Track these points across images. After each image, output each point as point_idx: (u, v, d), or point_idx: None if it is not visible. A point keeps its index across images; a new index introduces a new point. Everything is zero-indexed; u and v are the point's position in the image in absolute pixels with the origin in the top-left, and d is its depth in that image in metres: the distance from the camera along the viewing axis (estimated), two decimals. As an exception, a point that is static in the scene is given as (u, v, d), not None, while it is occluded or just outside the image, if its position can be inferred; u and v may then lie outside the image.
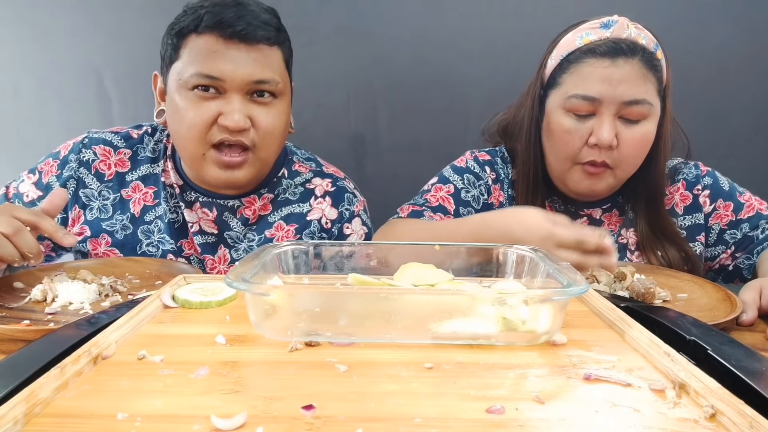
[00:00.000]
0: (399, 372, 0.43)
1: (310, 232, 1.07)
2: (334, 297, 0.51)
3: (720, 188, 1.07)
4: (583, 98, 0.93)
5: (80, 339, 0.46)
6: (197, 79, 0.90)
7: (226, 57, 0.90)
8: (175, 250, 1.04)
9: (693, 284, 0.84)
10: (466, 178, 1.09)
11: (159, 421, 0.35)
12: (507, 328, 0.48)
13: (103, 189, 1.04)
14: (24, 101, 1.58)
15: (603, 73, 0.92)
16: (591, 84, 0.92)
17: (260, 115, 0.94)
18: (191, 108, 0.92)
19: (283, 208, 1.08)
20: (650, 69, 0.93)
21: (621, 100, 0.91)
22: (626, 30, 0.94)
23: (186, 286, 0.62)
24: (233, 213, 1.06)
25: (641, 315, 0.55)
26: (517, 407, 0.37)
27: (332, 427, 0.35)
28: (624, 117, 0.93)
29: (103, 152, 1.05)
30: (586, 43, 0.95)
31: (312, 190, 1.10)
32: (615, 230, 1.07)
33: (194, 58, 0.91)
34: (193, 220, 1.05)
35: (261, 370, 0.43)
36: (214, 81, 0.90)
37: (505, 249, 0.66)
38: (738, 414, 0.35)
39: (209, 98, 0.91)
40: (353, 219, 1.10)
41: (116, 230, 1.03)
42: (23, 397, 0.36)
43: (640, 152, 0.96)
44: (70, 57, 1.55)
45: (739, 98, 1.44)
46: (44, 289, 0.75)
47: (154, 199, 1.05)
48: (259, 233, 1.07)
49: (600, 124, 0.93)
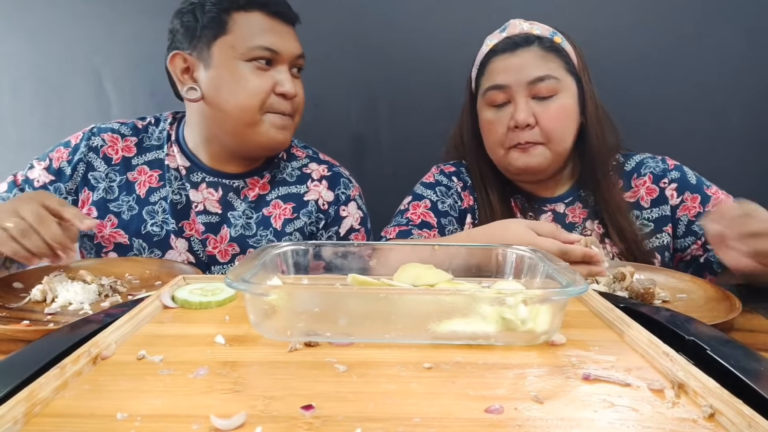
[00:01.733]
0: (398, 372, 0.43)
1: (307, 212, 1.13)
2: (334, 297, 0.51)
3: (687, 181, 1.11)
4: (495, 88, 1.05)
5: (80, 339, 0.46)
6: (258, 51, 1.00)
7: (278, 32, 1.02)
8: (176, 230, 1.09)
9: (692, 284, 0.84)
10: (438, 191, 1.16)
11: (158, 420, 0.36)
12: (506, 328, 0.48)
13: (110, 171, 1.10)
14: (23, 101, 1.58)
15: (505, 64, 1.05)
16: (498, 75, 1.05)
17: (297, 87, 1.06)
18: (252, 77, 1.00)
19: (281, 187, 1.14)
20: (550, 51, 1.05)
21: (526, 80, 1.02)
22: (518, 27, 1.08)
23: (185, 286, 0.63)
24: (237, 194, 1.12)
25: (640, 315, 0.55)
26: (516, 407, 0.38)
27: (331, 427, 0.35)
28: (537, 96, 1.03)
29: (111, 139, 1.12)
30: (491, 47, 1.09)
31: (309, 174, 1.16)
32: (579, 222, 1.12)
33: (251, 32, 1.00)
34: (198, 200, 1.10)
35: (260, 370, 0.43)
36: (272, 54, 1.01)
37: (504, 249, 0.66)
38: (737, 414, 0.35)
39: (265, 69, 1.02)
40: (349, 202, 1.16)
41: (122, 211, 1.09)
42: (23, 396, 0.36)
43: (562, 123, 1.04)
44: (69, 57, 1.55)
45: (739, 98, 1.44)
46: (44, 289, 0.75)
47: (159, 181, 1.10)
48: (257, 211, 1.12)
49: (515, 107, 1.04)
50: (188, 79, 1.04)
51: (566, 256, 0.75)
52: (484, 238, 0.85)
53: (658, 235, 1.09)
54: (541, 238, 0.78)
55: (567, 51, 1.06)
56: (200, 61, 1.02)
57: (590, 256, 0.76)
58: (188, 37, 1.02)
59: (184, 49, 1.03)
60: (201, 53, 1.02)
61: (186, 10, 1.03)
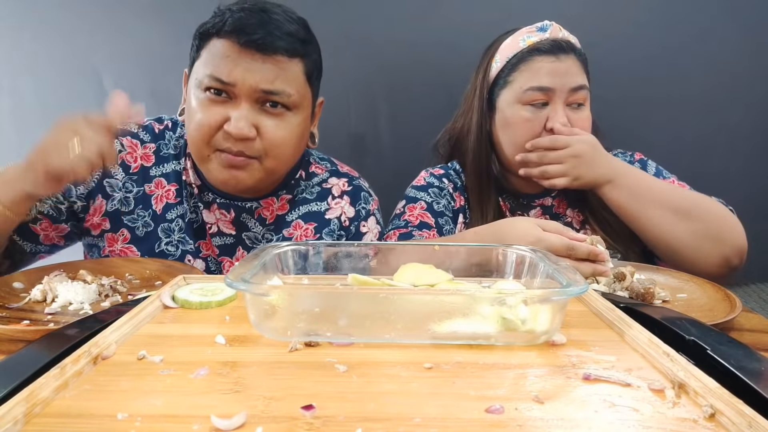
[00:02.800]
0: (398, 372, 0.43)
1: (329, 231, 1.07)
2: (334, 297, 0.51)
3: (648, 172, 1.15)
4: (539, 89, 1.06)
5: (80, 339, 0.46)
6: (209, 81, 0.91)
7: (238, 63, 0.90)
8: (194, 251, 1.03)
9: (692, 284, 0.84)
10: (431, 192, 1.17)
11: (159, 421, 0.36)
12: (506, 328, 0.48)
13: (127, 181, 1.02)
14: (23, 101, 1.58)
15: (551, 66, 1.06)
16: (543, 77, 1.06)
17: (268, 126, 0.93)
18: (201, 109, 0.92)
19: (301, 207, 1.08)
20: (582, 63, 1.09)
21: (569, 87, 1.05)
22: (560, 32, 1.10)
23: (186, 286, 0.62)
24: (251, 214, 1.05)
25: (641, 315, 0.55)
26: (516, 407, 0.38)
27: (332, 427, 0.35)
28: (570, 103, 1.07)
29: (131, 144, 1.05)
30: (530, 44, 1.08)
31: (329, 189, 1.10)
32: (563, 213, 1.16)
33: (210, 60, 0.92)
34: (211, 221, 1.04)
35: (261, 370, 0.43)
36: (225, 85, 0.90)
37: (504, 249, 0.66)
38: (737, 414, 0.35)
39: (219, 102, 0.92)
40: (369, 217, 1.11)
41: (137, 227, 1.02)
42: (23, 397, 0.36)
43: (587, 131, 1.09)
44: (69, 57, 1.55)
45: (739, 98, 1.45)
46: (44, 289, 0.75)
47: (176, 197, 1.04)
48: (277, 233, 1.07)
49: (555, 111, 1.06)
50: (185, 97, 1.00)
51: (572, 252, 0.76)
52: (492, 236, 0.86)
53: None
54: (549, 234, 0.79)
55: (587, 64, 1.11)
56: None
57: (596, 254, 0.77)
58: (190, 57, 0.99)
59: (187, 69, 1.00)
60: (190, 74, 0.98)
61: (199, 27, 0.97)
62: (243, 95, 0.91)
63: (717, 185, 1.46)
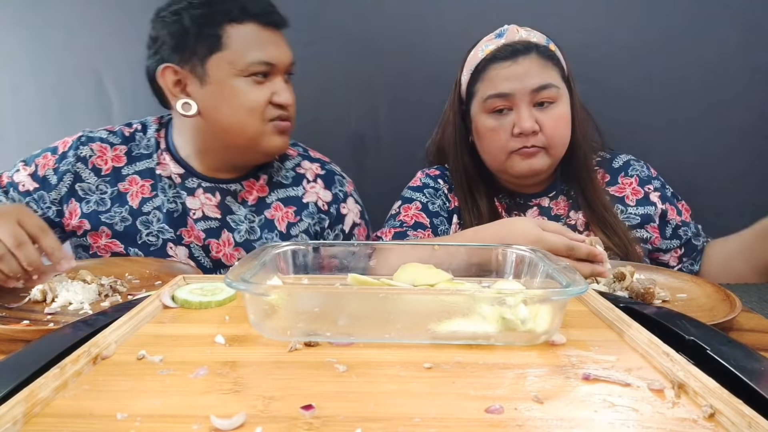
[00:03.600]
0: (398, 372, 0.43)
1: (309, 213, 1.14)
2: (334, 297, 0.51)
3: (665, 192, 1.17)
4: (497, 96, 1.06)
5: (80, 339, 0.46)
6: (257, 66, 0.99)
7: (273, 43, 1.02)
8: (175, 239, 1.08)
9: (692, 284, 0.84)
10: (427, 193, 1.19)
11: (158, 420, 0.35)
12: (506, 328, 0.48)
13: (100, 183, 1.08)
14: (24, 101, 1.58)
15: (507, 72, 1.05)
16: (500, 83, 1.06)
17: (291, 93, 1.06)
18: (252, 91, 1.00)
19: (279, 190, 1.15)
20: (548, 59, 1.07)
21: (529, 89, 1.04)
22: (517, 34, 1.09)
23: (185, 286, 0.63)
24: (235, 197, 1.12)
25: (640, 315, 0.55)
26: (516, 407, 0.37)
27: (331, 427, 0.35)
28: (538, 103, 1.05)
29: (100, 149, 1.10)
30: (488, 53, 1.09)
31: (303, 174, 1.17)
32: (564, 214, 1.15)
33: (248, 47, 0.99)
34: (195, 207, 1.10)
35: (260, 370, 0.43)
36: (269, 67, 1.01)
37: (504, 249, 0.66)
38: (737, 414, 0.35)
39: (260, 83, 1.01)
40: (347, 198, 1.18)
41: (116, 222, 1.07)
42: (23, 396, 0.36)
43: (561, 131, 1.07)
44: (70, 57, 1.55)
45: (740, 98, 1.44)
46: (44, 289, 0.75)
47: (151, 191, 1.09)
48: (258, 214, 1.12)
49: (519, 114, 1.05)
50: (180, 93, 1.01)
51: (572, 253, 0.77)
52: (492, 236, 0.86)
53: (639, 230, 1.13)
54: (549, 234, 0.79)
55: (560, 59, 1.10)
56: (194, 75, 1.00)
57: (594, 254, 0.77)
58: (179, 50, 0.99)
59: (174, 62, 1.00)
60: (194, 68, 0.99)
61: (170, 19, 0.99)
62: (279, 71, 1.03)
63: (717, 185, 1.47)
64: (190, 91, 1.01)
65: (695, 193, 1.30)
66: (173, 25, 0.99)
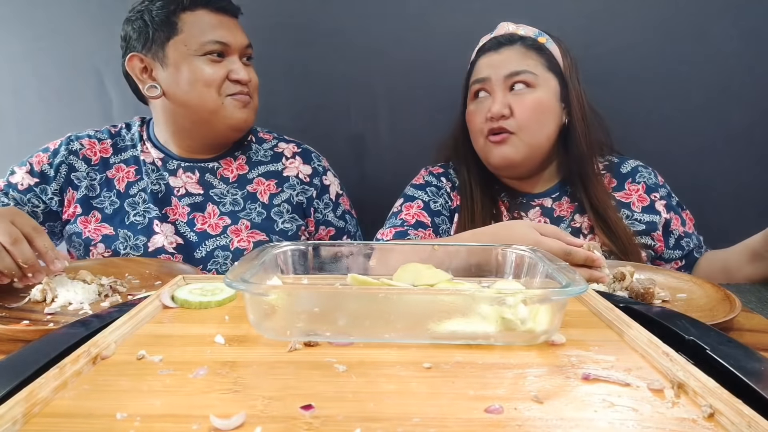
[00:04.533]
0: (398, 372, 0.43)
1: (290, 185, 1.22)
2: (333, 297, 0.51)
3: (671, 202, 1.17)
4: (476, 81, 1.13)
5: (79, 339, 0.46)
6: (210, 45, 1.09)
7: (225, 26, 1.11)
8: (160, 216, 1.15)
9: (692, 284, 0.84)
10: (429, 191, 1.20)
11: (158, 420, 0.36)
12: (506, 328, 0.48)
13: (90, 171, 1.18)
14: (24, 101, 1.58)
15: (488, 60, 1.12)
16: (481, 70, 1.12)
17: (250, 73, 1.15)
18: (207, 68, 1.09)
19: (259, 167, 1.23)
20: (531, 49, 1.11)
21: (503, 74, 1.09)
22: (505, 28, 1.15)
23: (185, 286, 0.63)
24: (213, 174, 1.21)
25: (640, 315, 0.55)
26: (515, 407, 0.38)
27: (331, 427, 0.35)
28: (514, 88, 1.09)
29: (89, 143, 1.20)
30: (479, 47, 1.17)
31: (281, 152, 1.26)
32: (568, 216, 1.15)
33: (201, 29, 1.09)
34: (179, 185, 1.18)
35: (260, 370, 0.43)
36: (222, 46, 1.10)
37: (504, 249, 0.66)
38: (736, 414, 0.35)
39: (218, 61, 1.11)
40: (327, 172, 1.27)
41: (105, 206, 1.16)
42: (22, 396, 0.36)
43: (535, 115, 1.08)
44: (70, 57, 1.55)
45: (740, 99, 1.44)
46: (44, 289, 0.75)
47: (136, 175, 1.19)
48: (241, 189, 1.20)
49: (493, 98, 1.10)
50: (147, 79, 1.12)
51: (569, 258, 0.76)
52: (489, 239, 0.86)
53: (644, 237, 1.12)
54: (546, 239, 0.79)
55: (551, 51, 1.11)
56: (156, 60, 1.11)
57: (592, 259, 0.77)
58: (141, 40, 1.11)
59: (138, 51, 1.11)
60: (156, 54, 1.10)
61: (134, 17, 1.11)
62: (234, 51, 1.12)
63: (717, 185, 1.46)
64: (155, 76, 1.12)
65: (696, 193, 1.31)
66: (137, 21, 1.11)
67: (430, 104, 1.49)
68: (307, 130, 1.47)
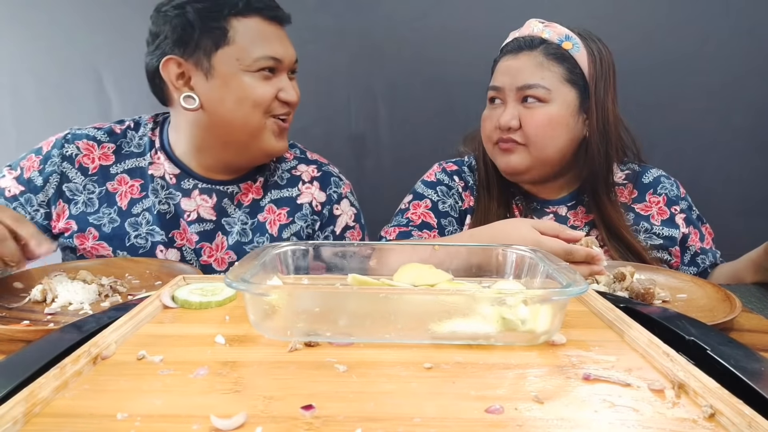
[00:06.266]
0: (398, 372, 0.43)
1: (302, 215, 1.12)
2: (334, 297, 0.51)
3: (691, 215, 1.14)
4: (492, 88, 1.09)
5: (80, 339, 0.46)
6: (264, 62, 0.98)
7: (279, 39, 1.01)
8: (166, 241, 1.05)
9: (692, 284, 0.84)
10: (439, 191, 1.16)
11: (158, 420, 0.35)
12: (506, 328, 0.48)
13: (87, 183, 1.05)
14: (24, 101, 1.58)
15: (506, 65, 1.08)
16: (498, 76, 1.09)
17: (297, 90, 1.05)
18: (259, 86, 0.99)
19: (273, 191, 1.12)
20: (551, 58, 1.05)
21: (516, 85, 1.05)
22: (530, 28, 1.09)
23: (185, 286, 0.62)
24: (231, 199, 1.10)
25: (640, 315, 0.55)
26: (516, 407, 0.37)
27: (331, 427, 0.35)
28: (526, 101, 1.05)
29: (87, 147, 1.06)
30: (504, 45, 1.12)
31: (299, 176, 1.15)
32: (581, 226, 1.13)
33: (254, 42, 0.98)
34: (190, 209, 1.07)
35: (260, 370, 0.43)
36: (276, 62, 1.00)
37: (504, 249, 0.66)
38: (737, 414, 0.35)
39: (269, 77, 1.00)
40: (341, 200, 1.15)
41: (104, 224, 1.04)
42: (23, 396, 0.36)
43: (544, 131, 1.05)
44: (69, 57, 1.55)
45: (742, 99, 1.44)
46: (44, 289, 0.75)
47: (141, 191, 1.06)
48: (252, 217, 1.10)
49: (504, 109, 1.07)
50: (183, 86, 0.99)
51: (569, 256, 0.77)
52: (488, 238, 0.85)
53: (660, 252, 1.09)
54: (546, 238, 0.79)
55: (575, 58, 1.05)
56: (199, 69, 0.98)
57: (592, 256, 0.77)
58: (182, 43, 0.97)
59: (177, 55, 0.98)
60: (199, 62, 0.97)
61: (173, 14, 0.97)
62: (285, 68, 1.02)
63: (717, 185, 1.47)
64: (193, 85, 0.99)
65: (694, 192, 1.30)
66: (176, 18, 0.97)
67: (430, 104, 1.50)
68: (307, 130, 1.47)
